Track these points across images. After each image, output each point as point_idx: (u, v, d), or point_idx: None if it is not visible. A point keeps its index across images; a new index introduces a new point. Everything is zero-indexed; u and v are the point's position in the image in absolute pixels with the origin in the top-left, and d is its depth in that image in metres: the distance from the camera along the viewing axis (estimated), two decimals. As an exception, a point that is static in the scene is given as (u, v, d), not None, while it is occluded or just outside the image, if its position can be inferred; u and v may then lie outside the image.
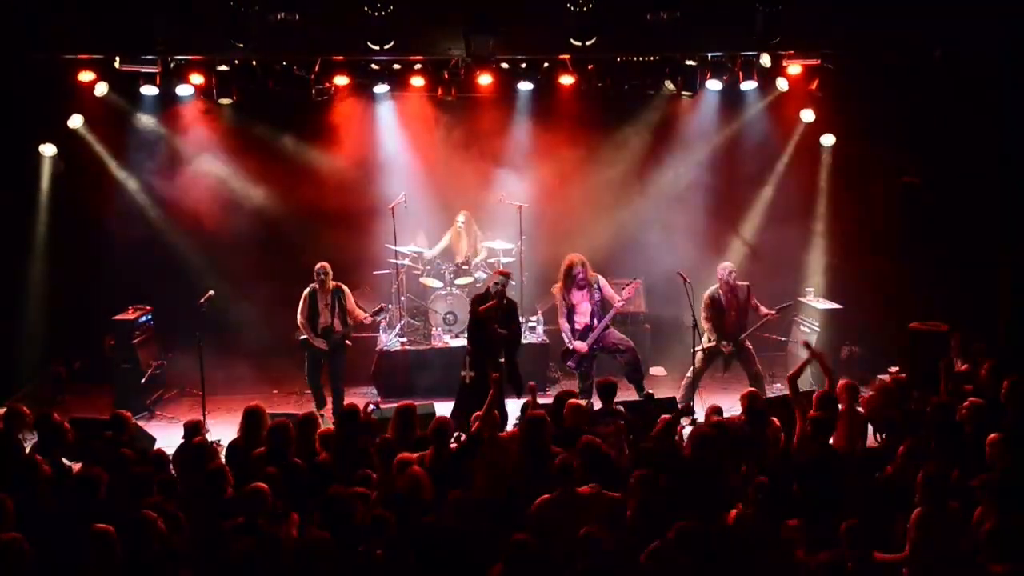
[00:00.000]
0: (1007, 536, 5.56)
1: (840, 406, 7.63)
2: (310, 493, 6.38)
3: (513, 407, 9.19)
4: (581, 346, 10.42)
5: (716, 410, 8.01)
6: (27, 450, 7.39)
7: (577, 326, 10.49)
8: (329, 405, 10.40)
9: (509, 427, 8.62)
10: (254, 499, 5.84)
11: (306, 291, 10.30)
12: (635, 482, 5.95)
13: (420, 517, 5.82)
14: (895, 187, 12.06)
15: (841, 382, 8.00)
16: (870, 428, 8.04)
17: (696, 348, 10.32)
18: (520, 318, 10.88)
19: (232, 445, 7.47)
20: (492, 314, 9.65)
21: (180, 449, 7.39)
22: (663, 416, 7.61)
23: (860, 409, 7.97)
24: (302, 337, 10.30)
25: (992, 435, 6.62)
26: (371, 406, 7.81)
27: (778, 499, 6.06)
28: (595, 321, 10.46)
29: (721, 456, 6.71)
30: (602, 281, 10.60)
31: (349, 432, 7.25)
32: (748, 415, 7.48)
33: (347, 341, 10.42)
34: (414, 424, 7.32)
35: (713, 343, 10.36)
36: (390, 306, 10.76)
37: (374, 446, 6.86)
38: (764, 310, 10.44)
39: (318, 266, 10.31)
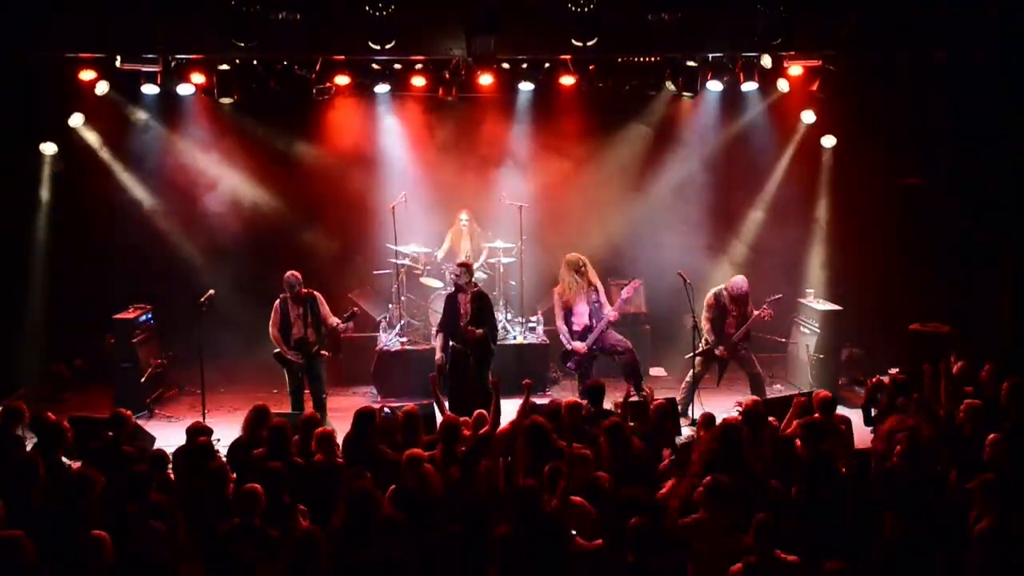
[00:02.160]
0: (1003, 536, 5.57)
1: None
2: (309, 492, 6.40)
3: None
4: (580, 347, 10.41)
5: (708, 418, 8.04)
6: (28, 448, 7.39)
7: (575, 327, 10.48)
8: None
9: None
10: (248, 500, 5.85)
11: (277, 302, 9.91)
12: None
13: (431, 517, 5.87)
14: (896, 188, 12.06)
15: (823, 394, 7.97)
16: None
17: (694, 352, 10.32)
18: (498, 315, 10.97)
19: (235, 444, 7.48)
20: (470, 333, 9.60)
21: (180, 451, 7.37)
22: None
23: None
24: (275, 351, 9.94)
25: (991, 436, 6.62)
26: (385, 410, 7.79)
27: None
28: (593, 322, 10.45)
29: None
30: (599, 284, 10.61)
31: (363, 434, 7.20)
32: (744, 417, 7.50)
33: (323, 352, 10.00)
34: (420, 428, 7.32)
35: (710, 345, 10.35)
36: (356, 311, 10.62)
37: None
38: (755, 312, 10.44)
39: (288, 275, 9.86)
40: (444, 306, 10.03)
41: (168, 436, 9.36)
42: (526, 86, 11.64)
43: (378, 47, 9.99)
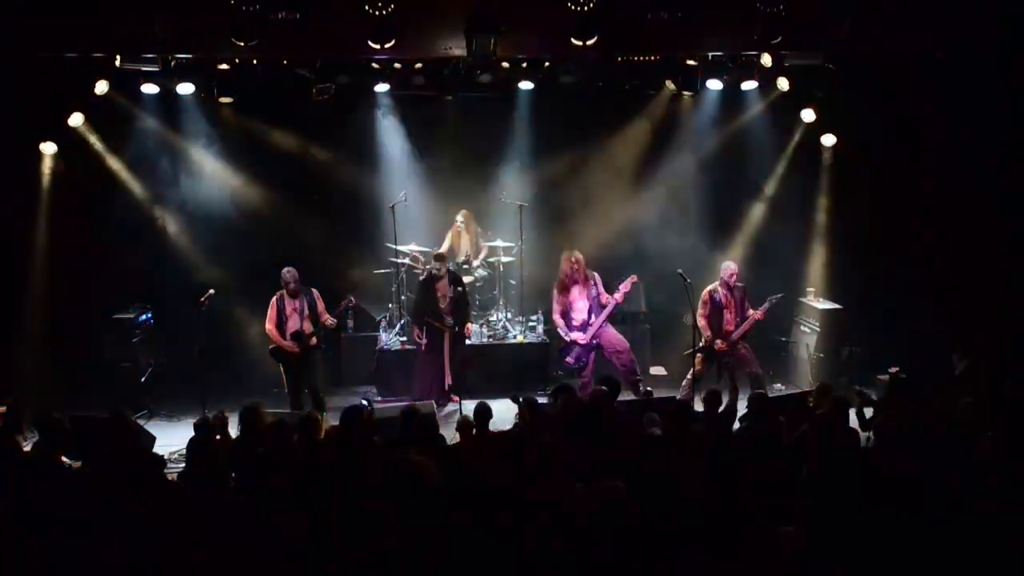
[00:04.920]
0: (1002, 533, 5.56)
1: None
2: (311, 492, 6.40)
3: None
4: (581, 336, 10.44)
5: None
6: (27, 448, 7.39)
7: (574, 323, 10.52)
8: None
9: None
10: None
11: (273, 299, 10.07)
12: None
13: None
14: (895, 186, 12.04)
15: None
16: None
17: (694, 349, 10.32)
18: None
19: (234, 442, 7.49)
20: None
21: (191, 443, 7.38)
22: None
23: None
24: (271, 347, 10.09)
25: (990, 433, 6.62)
26: (363, 402, 7.81)
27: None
28: (592, 317, 10.49)
29: None
30: (598, 279, 10.64)
31: (351, 431, 7.24)
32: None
33: (321, 344, 10.21)
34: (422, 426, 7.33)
35: (708, 342, 10.36)
36: (352, 299, 10.71)
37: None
38: (752, 312, 10.44)
39: (284, 271, 10.05)
40: (419, 291, 10.71)
41: (168, 436, 9.39)
42: (526, 85, 11.64)
43: (378, 46, 9.98)
